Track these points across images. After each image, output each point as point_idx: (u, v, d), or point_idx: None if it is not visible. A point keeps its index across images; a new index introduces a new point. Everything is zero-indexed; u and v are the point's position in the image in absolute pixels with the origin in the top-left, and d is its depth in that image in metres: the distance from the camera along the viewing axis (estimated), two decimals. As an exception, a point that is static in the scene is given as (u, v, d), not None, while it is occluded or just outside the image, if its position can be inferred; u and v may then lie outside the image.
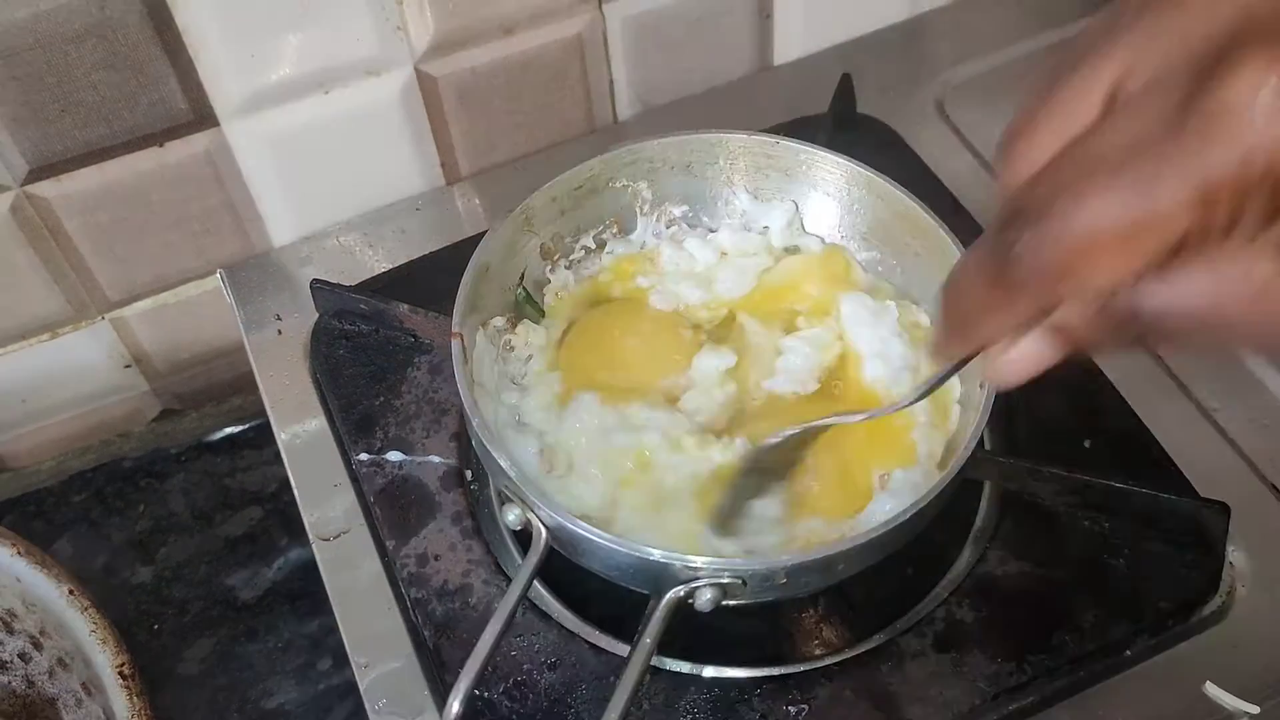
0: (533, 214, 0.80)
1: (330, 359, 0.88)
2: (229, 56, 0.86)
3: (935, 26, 1.10)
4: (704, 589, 0.64)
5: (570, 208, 0.82)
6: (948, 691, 0.70)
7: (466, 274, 0.75)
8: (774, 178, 0.84)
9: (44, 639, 0.80)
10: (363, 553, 0.80)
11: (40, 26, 0.79)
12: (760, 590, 0.65)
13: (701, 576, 0.63)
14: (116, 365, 1.01)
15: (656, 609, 0.64)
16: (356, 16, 0.88)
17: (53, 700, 0.81)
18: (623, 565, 0.66)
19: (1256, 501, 0.78)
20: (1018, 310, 0.41)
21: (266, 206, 0.97)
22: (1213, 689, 0.71)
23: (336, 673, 0.90)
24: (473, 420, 0.69)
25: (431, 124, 0.98)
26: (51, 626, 0.79)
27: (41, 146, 0.85)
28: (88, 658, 0.78)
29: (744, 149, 0.83)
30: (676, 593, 0.64)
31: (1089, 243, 0.37)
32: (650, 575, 0.65)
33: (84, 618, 0.78)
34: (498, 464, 0.67)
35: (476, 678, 0.62)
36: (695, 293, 0.83)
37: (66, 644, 0.79)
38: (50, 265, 0.92)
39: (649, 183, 0.84)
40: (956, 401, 0.75)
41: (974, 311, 0.43)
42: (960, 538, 0.78)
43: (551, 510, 0.66)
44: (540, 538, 0.67)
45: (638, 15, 0.99)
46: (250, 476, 1.01)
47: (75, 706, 0.80)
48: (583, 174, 0.81)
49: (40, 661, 0.81)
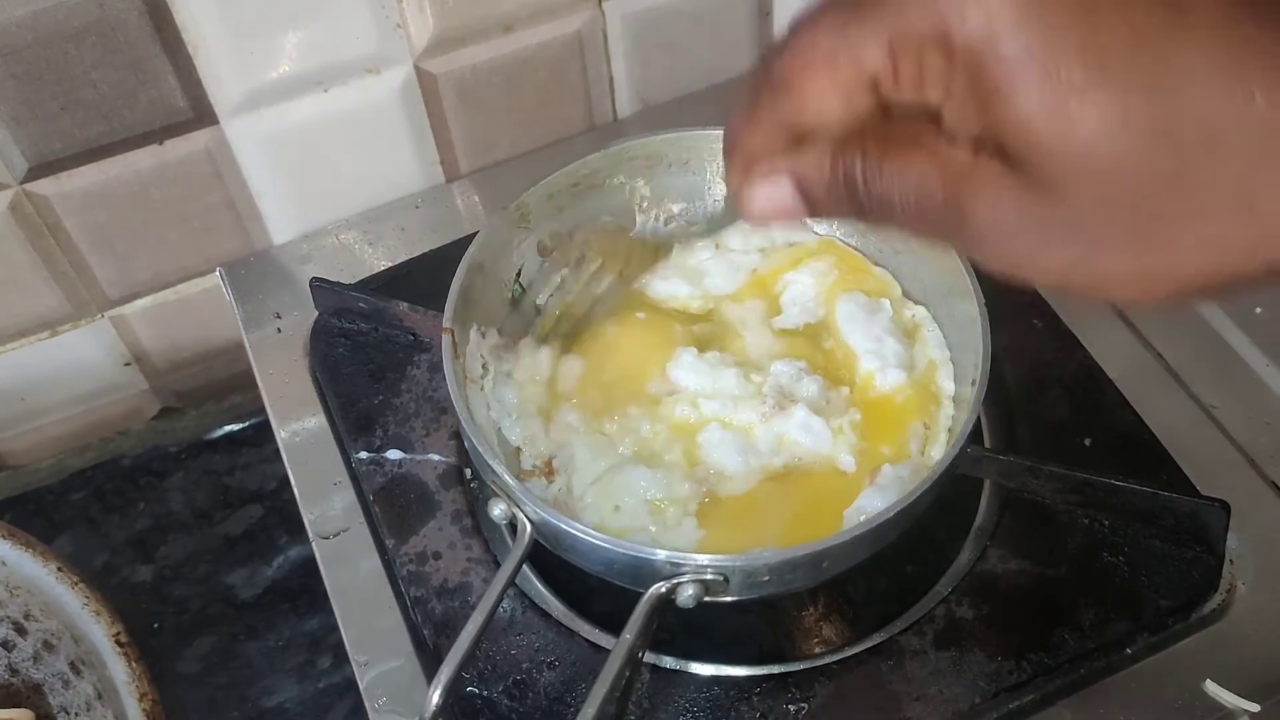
0: (528, 210, 0.80)
1: (330, 357, 0.88)
2: (228, 54, 0.86)
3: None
4: (686, 585, 0.64)
5: (568, 204, 0.81)
6: (948, 689, 0.70)
7: (459, 270, 0.75)
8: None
9: (29, 622, 0.80)
10: (362, 551, 0.80)
11: (40, 24, 0.79)
12: (744, 587, 0.65)
13: (684, 572, 0.63)
14: (116, 363, 1.01)
15: (637, 605, 0.64)
16: (356, 14, 0.88)
17: (38, 686, 0.80)
18: (606, 560, 0.66)
19: (1257, 499, 0.78)
20: (760, 117, 0.47)
21: (266, 204, 0.97)
22: (1212, 687, 0.71)
23: (336, 671, 0.90)
24: (460, 415, 0.69)
25: (431, 122, 0.98)
26: (38, 608, 0.78)
27: (41, 144, 0.85)
28: (79, 634, 0.77)
29: None
30: (659, 588, 0.64)
31: (803, 57, 0.44)
32: (633, 570, 0.65)
33: (74, 592, 0.77)
34: (484, 460, 0.67)
35: (459, 668, 0.62)
36: (684, 289, 0.82)
37: (53, 624, 0.78)
38: (50, 263, 0.92)
39: (647, 179, 0.83)
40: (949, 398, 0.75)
41: (735, 125, 0.48)
42: (960, 536, 0.78)
43: (535, 506, 0.66)
44: (525, 531, 0.67)
45: (637, 13, 0.99)
46: (250, 475, 1.01)
47: (63, 689, 0.79)
48: (580, 170, 0.81)
49: (24, 648, 0.80)
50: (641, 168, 0.83)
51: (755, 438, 0.74)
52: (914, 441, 0.74)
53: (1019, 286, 0.44)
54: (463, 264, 0.75)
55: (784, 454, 0.74)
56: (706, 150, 0.83)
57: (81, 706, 0.78)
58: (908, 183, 0.43)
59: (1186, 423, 0.82)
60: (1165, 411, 0.82)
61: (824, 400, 0.75)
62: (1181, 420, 0.82)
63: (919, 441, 0.74)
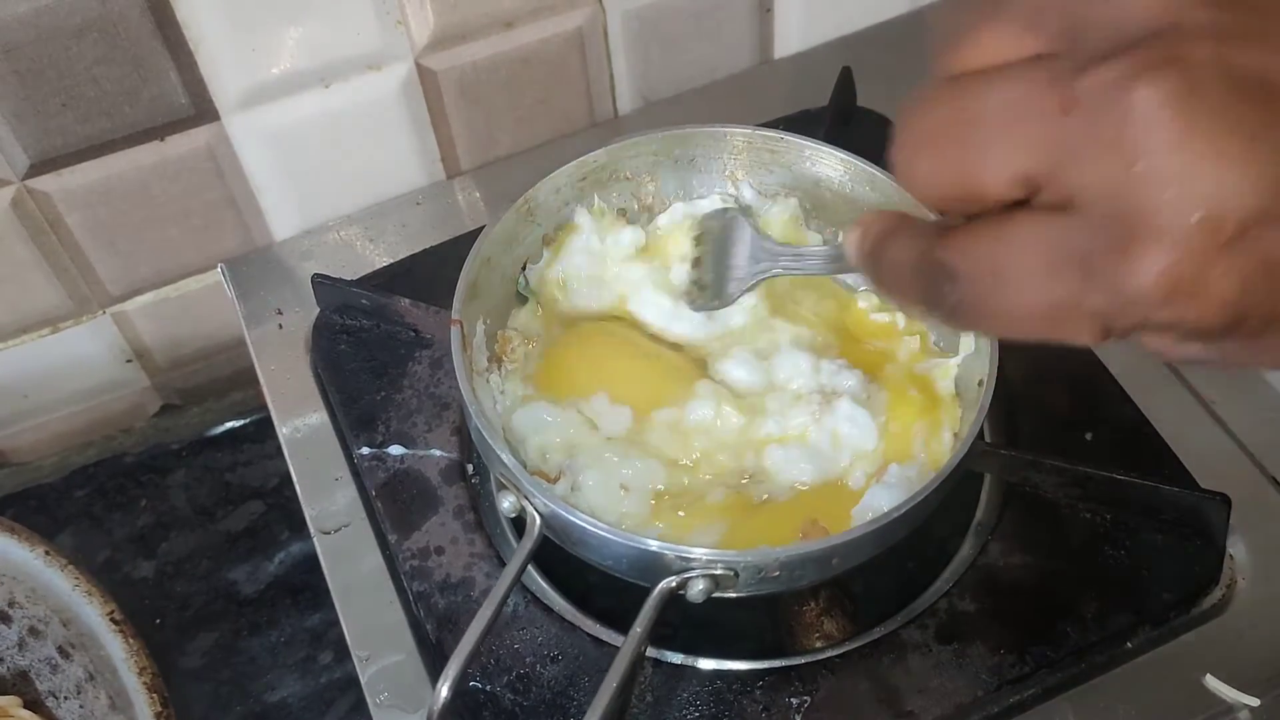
0: (536, 205, 0.80)
1: (331, 353, 0.88)
2: (229, 51, 0.86)
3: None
4: (696, 580, 0.64)
5: (573, 199, 0.82)
6: (950, 683, 0.70)
7: (468, 262, 0.75)
8: (777, 173, 0.84)
9: (13, 610, 0.79)
10: (364, 546, 0.80)
11: (42, 21, 0.79)
12: (753, 583, 0.65)
13: (694, 567, 0.64)
14: (118, 360, 1.02)
15: (647, 599, 0.65)
16: (357, 10, 0.88)
17: (24, 672, 0.80)
18: (616, 554, 0.66)
19: (1257, 494, 0.78)
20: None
21: (267, 201, 0.97)
22: (1213, 681, 0.71)
23: (338, 666, 0.90)
24: (469, 408, 0.69)
25: (432, 118, 0.98)
26: (23, 594, 0.78)
27: (43, 141, 0.85)
28: (70, 616, 0.76)
29: (748, 143, 0.83)
30: (668, 583, 0.64)
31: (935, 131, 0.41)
32: (643, 565, 0.65)
33: (64, 574, 0.76)
34: (494, 452, 0.68)
35: (466, 662, 0.62)
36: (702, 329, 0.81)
37: (40, 610, 0.78)
38: (51, 259, 0.92)
39: (652, 175, 0.84)
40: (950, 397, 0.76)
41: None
42: (962, 530, 0.78)
43: (545, 498, 0.66)
44: (534, 524, 0.67)
45: (638, 9, 0.99)
46: (251, 471, 1.01)
47: (51, 674, 0.79)
48: (587, 165, 0.81)
49: (9, 635, 0.80)
50: (647, 164, 0.83)
51: (810, 441, 0.74)
52: (918, 440, 0.74)
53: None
54: (470, 257, 0.75)
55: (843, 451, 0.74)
56: (712, 147, 0.83)
57: (71, 690, 0.78)
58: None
59: (1187, 418, 0.82)
60: (1166, 407, 0.82)
61: (865, 394, 0.75)
62: (1182, 416, 0.82)
63: (922, 439, 0.75)
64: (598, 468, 0.72)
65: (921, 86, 0.42)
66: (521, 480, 0.67)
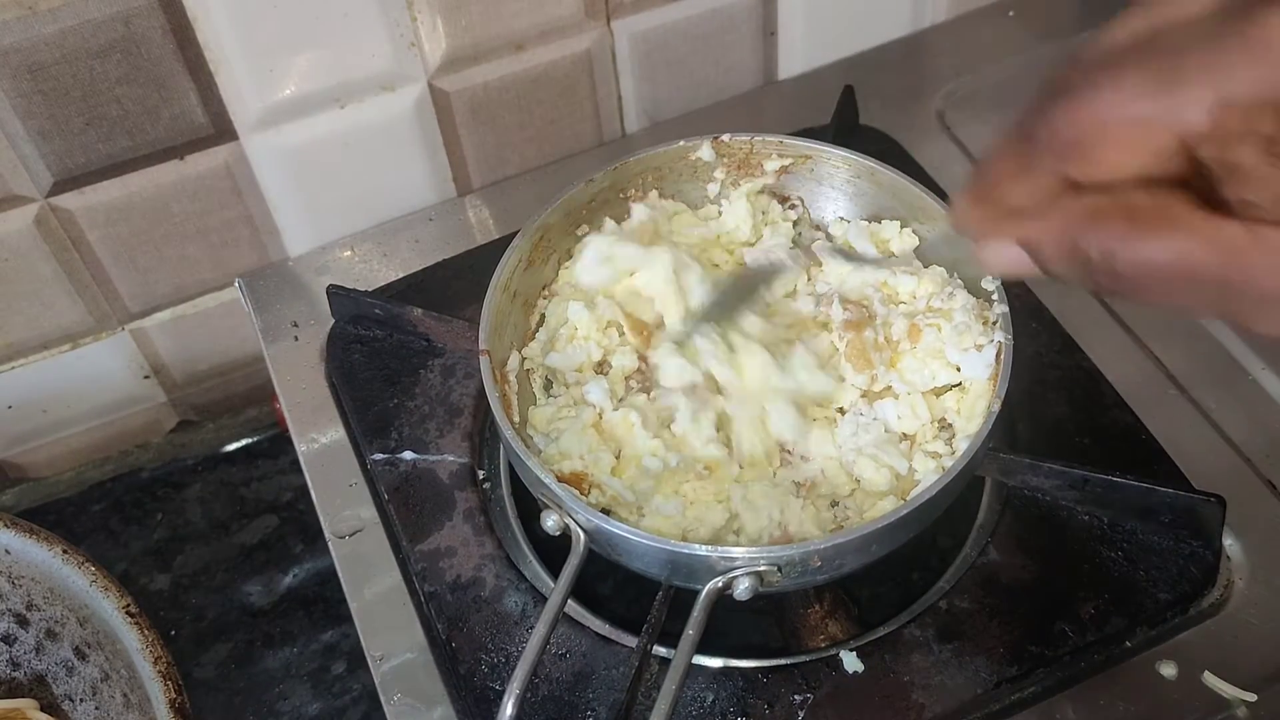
0: (549, 231, 0.82)
1: (346, 363, 0.90)
2: (248, 72, 0.89)
3: (936, 41, 1.12)
4: (741, 578, 0.65)
5: (586, 219, 0.84)
6: (950, 681, 0.71)
7: (489, 293, 0.77)
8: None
9: (31, 612, 0.80)
10: (378, 549, 0.81)
11: (66, 42, 0.81)
12: (797, 576, 0.67)
13: (738, 567, 0.65)
14: (135, 376, 1.03)
15: (695, 601, 0.66)
16: (372, 33, 0.91)
17: (41, 677, 0.81)
18: (660, 561, 0.68)
19: (1252, 496, 0.79)
20: (1032, 179, 0.45)
21: (283, 218, 0.99)
22: (1211, 678, 0.72)
23: (351, 677, 0.91)
24: (505, 432, 0.70)
25: (444, 138, 1.00)
26: (41, 596, 0.79)
27: (66, 159, 0.87)
28: (87, 614, 0.77)
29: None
30: (715, 584, 0.66)
31: (1108, 117, 0.41)
32: (688, 569, 0.67)
33: (81, 572, 0.77)
34: (535, 475, 0.69)
35: (527, 680, 0.64)
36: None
37: (57, 610, 0.79)
38: (73, 276, 0.94)
39: (659, 190, 0.86)
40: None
41: (997, 175, 0.47)
42: (962, 532, 0.79)
43: (588, 514, 0.67)
44: (579, 541, 0.69)
45: (645, 32, 1.01)
46: (266, 486, 1.03)
47: (67, 676, 0.80)
48: (592, 190, 0.83)
49: (26, 640, 0.81)
50: (653, 179, 0.85)
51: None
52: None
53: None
54: (491, 287, 0.77)
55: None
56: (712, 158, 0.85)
57: (87, 692, 0.79)
58: (1163, 258, 0.41)
59: (1184, 424, 0.83)
60: (1163, 413, 0.83)
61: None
62: (1179, 421, 0.83)
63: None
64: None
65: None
66: (564, 499, 0.68)
